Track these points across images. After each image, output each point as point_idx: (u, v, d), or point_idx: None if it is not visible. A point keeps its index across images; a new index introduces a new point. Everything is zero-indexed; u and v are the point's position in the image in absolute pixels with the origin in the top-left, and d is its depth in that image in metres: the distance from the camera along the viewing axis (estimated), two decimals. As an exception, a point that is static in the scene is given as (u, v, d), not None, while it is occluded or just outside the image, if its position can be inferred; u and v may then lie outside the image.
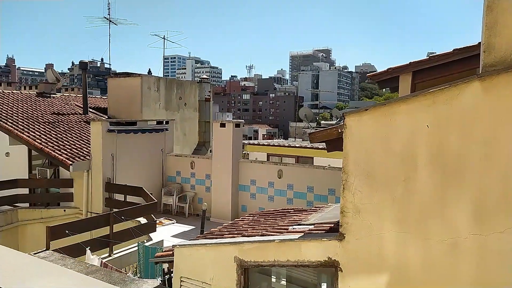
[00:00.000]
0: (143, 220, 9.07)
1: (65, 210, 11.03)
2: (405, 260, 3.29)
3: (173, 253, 4.74)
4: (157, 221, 10.32)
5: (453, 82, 3.10)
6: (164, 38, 19.42)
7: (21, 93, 15.69)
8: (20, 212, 10.62)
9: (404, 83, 6.48)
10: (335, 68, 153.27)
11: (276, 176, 10.83)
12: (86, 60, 16.42)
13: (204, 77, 18.35)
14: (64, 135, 12.41)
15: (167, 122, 13.25)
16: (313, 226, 4.55)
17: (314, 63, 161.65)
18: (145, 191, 9.71)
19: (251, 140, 27.93)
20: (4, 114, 12.34)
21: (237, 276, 4.15)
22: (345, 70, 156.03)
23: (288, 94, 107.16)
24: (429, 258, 3.20)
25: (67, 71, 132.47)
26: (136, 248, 7.66)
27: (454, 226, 3.11)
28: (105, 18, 20.03)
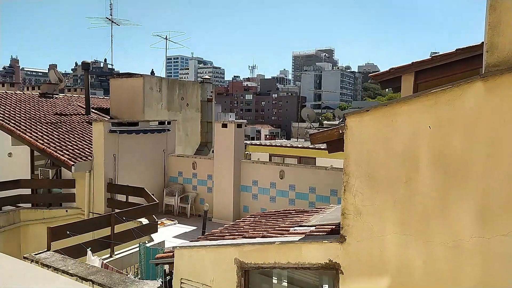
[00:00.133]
0: (145, 221, 9.05)
1: (67, 211, 11.04)
2: (407, 263, 3.25)
3: (173, 255, 4.71)
4: (159, 222, 10.31)
5: (456, 83, 3.06)
6: (167, 39, 19.45)
7: (24, 94, 15.74)
8: (22, 213, 10.63)
9: (407, 83, 6.43)
10: (338, 68, 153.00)
11: (278, 177, 10.79)
12: (89, 61, 16.46)
13: (206, 78, 18.34)
14: (67, 136, 12.43)
15: (169, 123, 13.24)
16: (314, 228, 4.52)
17: (317, 63, 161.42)
18: (147, 192, 9.70)
19: (254, 141, 27.91)
20: (7, 115, 12.37)
21: (238, 278, 4.12)
22: (348, 70, 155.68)
23: (291, 94, 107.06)
24: (431, 261, 3.16)
25: (71, 72, 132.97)
26: (138, 249, 7.64)
27: (457, 229, 3.07)
28: (107, 19, 20.05)
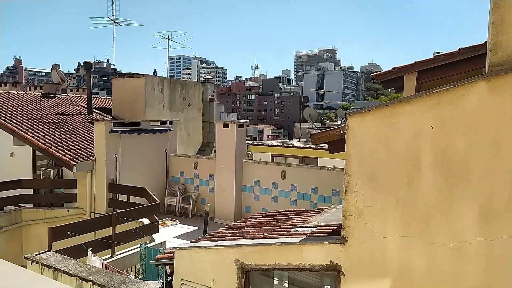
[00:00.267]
0: (146, 221, 9.03)
1: (69, 211, 11.04)
2: (409, 265, 3.21)
3: (174, 255, 4.69)
4: (160, 222, 10.29)
5: (458, 82, 3.01)
6: (169, 39, 19.45)
7: (26, 94, 15.77)
8: (24, 213, 10.64)
9: (409, 83, 6.39)
10: (340, 68, 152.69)
11: (280, 177, 10.75)
12: (91, 61, 16.47)
13: (208, 78, 18.32)
14: (68, 136, 12.44)
15: (171, 123, 13.23)
16: (316, 229, 4.48)
17: (319, 63, 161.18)
18: (148, 192, 9.68)
19: (256, 141, 27.89)
20: (9, 115, 12.39)
21: (238, 280, 4.09)
22: (351, 70, 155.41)
23: (293, 94, 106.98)
24: (434, 263, 3.11)
25: (73, 72, 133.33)
26: (139, 249, 7.62)
27: (460, 230, 3.02)
28: (109, 19, 20.05)
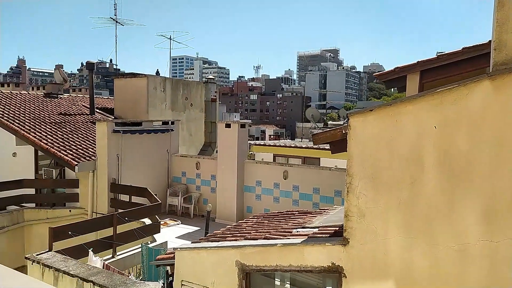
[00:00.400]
0: (148, 221, 9.01)
1: (71, 211, 11.04)
2: (412, 267, 3.17)
3: (174, 256, 4.66)
4: (162, 222, 10.27)
5: (462, 81, 2.97)
6: (171, 39, 19.44)
7: (29, 94, 15.80)
8: (26, 212, 10.65)
9: (412, 83, 6.33)
10: (343, 68, 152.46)
11: (282, 177, 10.71)
12: (93, 61, 16.48)
13: (210, 78, 18.30)
14: (70, 136, 12.44)
15: (173, 123, 13.21)
16: (317, 230, 4.44)
17: (322, 63, 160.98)
18: (150, 192, 9.66)
19: (258, 141, 27.85)
20: (12, 115, 12.41)
21: (239, 281, 4.06)
22: (353, 70, 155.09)
23: (296, 94, 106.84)
24: (437, 265, 3.07)
25: (76, 72, 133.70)
26: (140, 250, 7.60)
27: (463, 232, 2.98)
28: (112, 19, 20.06)
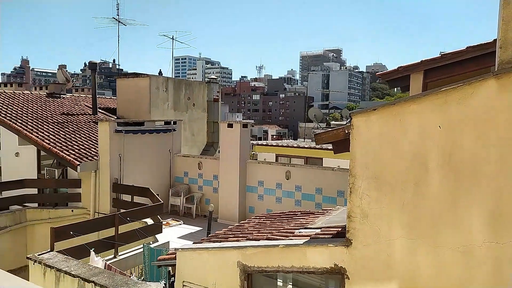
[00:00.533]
0: (150, 221, 9.00)
1: (73, 211, 11.04)
2: (415, 269, 3.12)
3: (176, 257, 4.63)
4: (164, 222, 10.25)
5: (467, 80, 2.93)
6: (173, 39, 19.43)
7: (31, 94, 15.83)
8: (28, 212, 10.65)
9: (415, 82, 6.28)
10: (346, 68, 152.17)
11: (284, 177, 10.67)
12: (96, 61, 16.49)
13: (213, 77, 18.28)
14: (73, 136, 12.45)
15: (175, 123, 13.20)
16: (320, 230, 4.40)
17: (325, 63, 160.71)
18: (152, 192, 9.65)
19: (261, 141, 27.82)
20: (14, 115, 12.43)
21: (240, 282, 4.03)
22: (356, 70, 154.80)
23: (298, 94, 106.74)
24: (441, 267, 3.03)
25: (80, 72, 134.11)
26: (142, 250, 7.58)
27: (468, 233, 2.94)
28: (114, 19, 20.08)
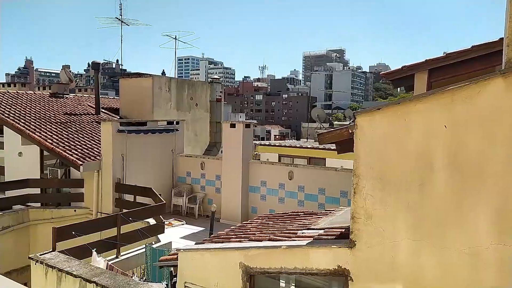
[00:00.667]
0: (152, 221, 8.97)
1: (76, 210, 11.04)
2: (420, 271, 3.07)
3: (177, 257, 4.60)
4: (167, 222, 10.23)
5: (473, 79, 2.87)
6: (176, 39, 19.43)
7: (35, 94, 15.86)
8: (31, 212, 10.66)
9: (420, 82, 6.23)
10: (349, 68, 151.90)
11: (287, 178, 10.63)
12: (99, 61, 16.52)
13: (216, 78, 18.26)
14: (76, 135, 12.45)
15: (178, 123, 13.18)
16: (323, 231, 4.35)
17: (328, 63, 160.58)
18: (154, 192, 9.63)
19: (263, 141, 27.79)
20: (17, 114, 12.45)
21: (243, 283, 3.99)
22: (359, 70, 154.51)
23: (301, 95, 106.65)
24: (447, 269, 2.97)
25: (84, 72, 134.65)
26: (144, 250, 7.56)
27: (474, 235, 2.88)
28: (117, 19, 20.09)
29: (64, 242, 6.59)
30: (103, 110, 16.28)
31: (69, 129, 12.80)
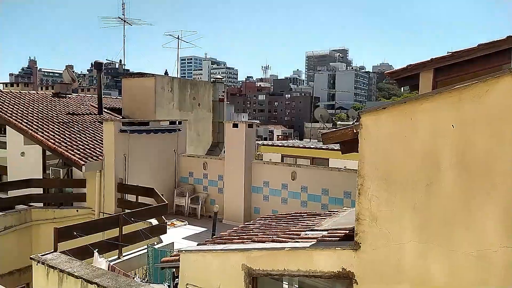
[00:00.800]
0: (154, 222, 8.93)
1: (78, 211, 11.01)
2: (427, 274, 3.00)
3: (179, 259, 4.54)
4: (169, 223, 10.18)
5: (482, 77, 2.80)
6: (179, 38, 19.39)
7: (37, 94, 15.87)
8: (34, 212, 10.65)
9: (425, 81, 6.14)
10: (352, 68, 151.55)
11: (290, 178, 10.56)
12: (101, 61, 16.50)
13: (218, 77, 18.21)
14: (78, 135, 12.43)
15: (180, 123, 13.13)
16: (327, 233, 4.29)
17: (331, 63, 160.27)
18: (156, 192, 9.58)
19: (266, 141, 27.71)
20: (20, 114, 12.45)
21: (245, 285, 3.93)
22: (362, 70, 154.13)
23: (304, 95, 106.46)
24: (454, 272, 2.90)
25: (87, 72, 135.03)
26: (146, 251, 7.51)
27: (483, 237, 2.81)
28: (120, 18, 20.09)
29: (66, 242, 6.56)
30: (106, 110, 16.26)
31: (72, 129, 12.78)
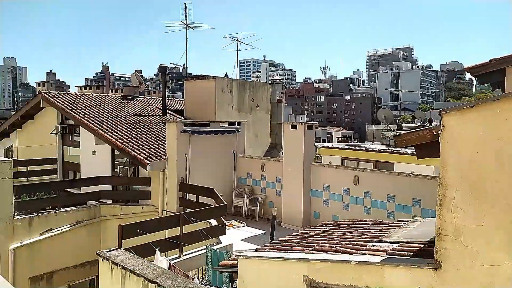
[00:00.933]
0: (214, 222, 8.97)
1: (143, 208, 11.46)
2: (529, 304, 2.52)
3: (237, 264, 4.40)
4: (228, 223, 10.20)
5: None
6: (238, 40, 19.55)
7: (107, 96, 16.91)
8: (103, 208, 11.28)
9: (513, 77, 5.41)
10: (418, 67, 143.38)
11: (352, 183, 10.04)
12: (165, 64, 17.14)
13: (277, 78, 18.06)
14: (144, 136, 12.98)
15: (239, 124, 13.17)
16: (397, 245, 3.88)
17: (394, 63, 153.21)
18: (216, 193, 9.63)
19: (325, 143, 27.02)
20: (91, 115, 13.30)
21: (306, 297, 3.66)
22: (429, 69, 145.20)
23: (365, 95, 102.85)
24: None
25: (154, 77, 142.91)
26: (205, 251, 7.53)
27: None
28: (182, 23, 20.75)
29: (131, 240, 6.76)
30: (170, 112, 16.86)
31: (138, 130, 13.38)
